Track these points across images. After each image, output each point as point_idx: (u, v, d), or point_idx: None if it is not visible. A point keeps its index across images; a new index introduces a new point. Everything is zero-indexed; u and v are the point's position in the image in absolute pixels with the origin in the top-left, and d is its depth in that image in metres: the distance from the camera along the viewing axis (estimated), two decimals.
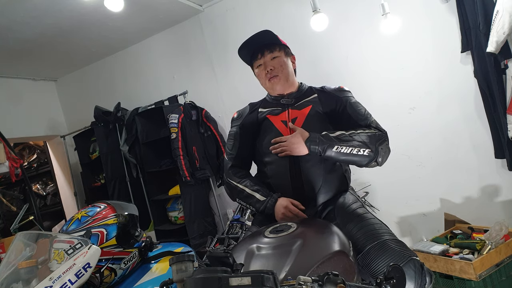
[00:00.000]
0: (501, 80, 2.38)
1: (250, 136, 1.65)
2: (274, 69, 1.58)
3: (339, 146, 1.42)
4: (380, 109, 2.90)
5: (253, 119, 1.65)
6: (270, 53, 1.59)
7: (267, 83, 1.62)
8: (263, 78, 1.63)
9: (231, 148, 1.68)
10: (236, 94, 3.54)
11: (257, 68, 1.64)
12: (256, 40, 1.59)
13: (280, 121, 1.58)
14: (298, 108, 1.59)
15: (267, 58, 1.59)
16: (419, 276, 1.19)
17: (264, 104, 1.68)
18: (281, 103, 1.61)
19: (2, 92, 4.06)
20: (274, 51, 1.60)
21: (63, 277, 1.05)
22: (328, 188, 1.55)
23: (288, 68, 1.62)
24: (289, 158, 1.52)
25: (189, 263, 0.74)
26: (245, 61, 1.69)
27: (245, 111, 1.71)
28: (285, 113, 1.59)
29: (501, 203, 2.68)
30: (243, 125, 1.67)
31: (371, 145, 1.44)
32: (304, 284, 0.72)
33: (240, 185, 1.58)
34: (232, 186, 1.61)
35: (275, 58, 1.59)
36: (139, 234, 1.32)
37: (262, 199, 1.51)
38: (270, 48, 1.60)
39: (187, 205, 3.47)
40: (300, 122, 1.55)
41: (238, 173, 1.63)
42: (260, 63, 1.61)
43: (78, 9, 3.03)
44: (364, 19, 2.95)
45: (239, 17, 3.49)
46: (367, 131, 1.48)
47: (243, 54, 1.65)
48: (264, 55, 1.60)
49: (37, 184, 5.33)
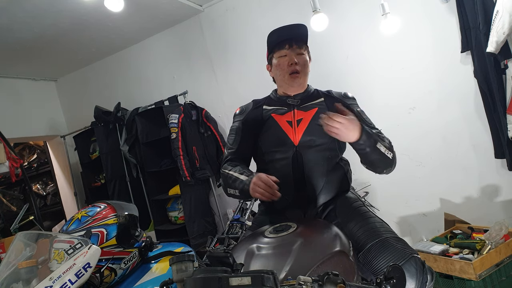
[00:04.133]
0: (501, 80, 2.38)
1: (252, 132, 1.62)
2: (299, 65, 1.54)
3: (379, 143, 1.39)
4: (380, 109, 2.92)
5: (257, 116, 1.62)
6: (299, 49, 1.55)
7: (286, 76, 1.56)
8: (283, 70, 1.56)
9: (232, 142, 1.64)
10: (236, 94, 3.54)
11: (279, 58, 1.57)
12: (291, 29, 1.56)
13: (285, 121, 1.56)
14: (304, 109, 1.57)
15: (294, 52, 1.55)
16: (420, 274, 1.20)
17: (268, 102, 1.65)
18: (287, 103, 1.59)
19: (2, 92, 4.06)
20: (302, 48, 1.57)
21: (63, 277, 1.05)
22: (330, 188, 1.54)
23: (308, 69, 1.60)
24: (292, 157, 1.51)
25: (189, 263, 0.74)
26: (269, 45, 1.61)
27: (248, 107, 1.67)
28: (290, 113, 1.57)
29: (501, 203, 2.68)
30: (246, 120, 1.64)
31: (393, 150, 1.45)
32: (304, 284, 0.72)
33: (230, 172, 1.53)
34: (224, 175, 1.56)
35: (301, 55, 1.56)
36: (139, 234, 1.32)
37: (245, 178, 1.44)
38: (300, 43, 1.56)
39: (187, 205, 3.47)
40: (305, 123, 1.53)
41: (232, 163, 1.59)
42: (285, 54, 1.55)
43: (78, 9, 3.03)
44: (364, 19, 2.95)
45: (239, 17, 3.49)
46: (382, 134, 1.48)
47: (271, 38, 1.58)
48: (293, 48, 1.55)
49: (37, 184, 5.33)
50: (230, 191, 1.53)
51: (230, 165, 1.56)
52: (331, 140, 1.53)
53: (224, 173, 1.56)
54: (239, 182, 1.46)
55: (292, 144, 1.52)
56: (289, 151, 1.53)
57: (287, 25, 1.56)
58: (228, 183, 1.52)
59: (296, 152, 1.52)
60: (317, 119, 1.51)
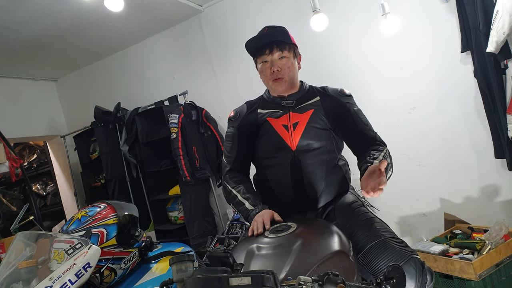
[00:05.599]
0: (501, 80, 2.38)
1: (248, 138, 1.59)
2: (280, 71, 1.49)
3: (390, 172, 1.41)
4: (380, 109, 2.92)
5: (252, 121, 1.58)
6: (279, 52, 1.49)
7: (270, 83, 1.54)
8: (266, 77, 1.53)
9: (230, 150, 1.62)
10: (236, 94, 3.54)
11: (262, 64, 1.53)
12: (268, 34, 1.51)
13: (281, 125, 1.52)
14: (299, 111, 1.53)
15: (275, 56, 1.49)
16: (420, 275, 1.19)
17: (262, 104, 1.61)
18: (282, 105, 1.55)
19: (2, 92, 4.06)
20: (284, 50, 1.50)
21: (63, 277, 1.05)
22: (330, 191, 1.54)
23: (294, 70, 1.54)
24: (290, 162, 1.50)
25: (189, 263, 0.74)
26: (250, 52, 1.57)
27: (242, 111, 1.63)
28: (286, 116, 1.53)
29: (501, 203, 2.68)
30: (240, 126, 1.60)
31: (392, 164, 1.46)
32: (304, 284, 0.72)
33: (233, 191, 1.56)
34: (227, 191, 1.59)
35: (283, 58, 1.50)
36: (139, 234, 1.32)
37: (250, 208, 1.49)
38: (280, 46, 1.49)
39: (187, 205, 3.47)
40: (301, 127, 1.51)
41: (234, 178, 1.59)
42: (267, 59, 1.50)
43: (78, 9, 3.03)
44: (364, 19, 2.95)
45: (239, 17, 3.49)
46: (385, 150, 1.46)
47: (250, 46, 1.54)
48: (273, 52, 1.49)
49: (37, 184, 5.33)
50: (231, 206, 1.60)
51: (233, 181, 1.59)
52: (329, 143, 1.52)
53: (227, 188, 1.59)
54: (244, 209, 1.51)
55: (290, 149, 1.50)
56: (287, 157, 1.51)
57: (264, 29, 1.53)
58: (232, 202, 1.58)
59: (294, 157, 1.50)
60: (313, 121, 1.51)
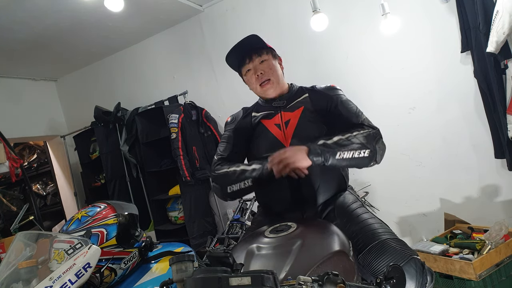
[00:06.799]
0: (501, 80, 2.38)
1: (243, 140, 1.63)
2: (264, 73, 1.55)
3: (340, 152, 1.38)
4: (380, 109, 2.92)
5: (246, 124, 1.63)
6: (259, 57, 1.56)
7: (258, 88, 1.58)
8: (253, 83, 1.59)
9: (223, 150, 1.63)
10: (236, 94, 3.53)
11: (246, 74, 1.60)
12: (243, 45, 1.56)
13: (273, 125, 1.57)
14: (290, 110, 1.57)
15: (256, 62, 1.56)
16: (420, 275, 1.19)
17: (257, 108, 1.66)
18: (273, 106, 1.60)
19: (2, 92, 4.06)
20: (262, 55, 1.57)
21: (63, 277, 1.05)
22: (327, 187, 1.54)
23: (278, 71, 1.59)
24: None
25: (189, 263, 0.74)
26: (234, 68, 1.65)
27: (238, 116, 1.69)
28: (278, 116, 1.57)
29: (501, 203, 2.68)
30: (236, 129, 1.65)
31: (369, 145, 1.41)
32: (304, 284, 0.72)
33: (230, 169, 1.49)
34: (222, 175, 1.51)
35: (263, 62, 1.57)
36: (139, 234, 1.32)
37: (258, 166, 1.43)
38: (257, 52, 1.57)
39: (187, 205, 3.47)
40: (293, 124, 1.53)
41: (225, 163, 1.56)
42: (249, 67, 1.57)
43: (78, 9, 3.04)
44: (364, 19, 2.95)
45: (239, 17, 3.49)
46: (363, 132, 1.44)
47: (230, 61, 1.61)
48: (253, 59, 1.56)
49: (37, 184, 5.33)
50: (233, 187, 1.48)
51: (225, 165, 1.54)
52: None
53: (221, 173, 1.52)
54: (252, 171, 1.44)
55: (284, 146, 1.51)
56: None
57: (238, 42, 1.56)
58: (231, 180, 1.48)
59: None
60: (305, 117, 1.53)
